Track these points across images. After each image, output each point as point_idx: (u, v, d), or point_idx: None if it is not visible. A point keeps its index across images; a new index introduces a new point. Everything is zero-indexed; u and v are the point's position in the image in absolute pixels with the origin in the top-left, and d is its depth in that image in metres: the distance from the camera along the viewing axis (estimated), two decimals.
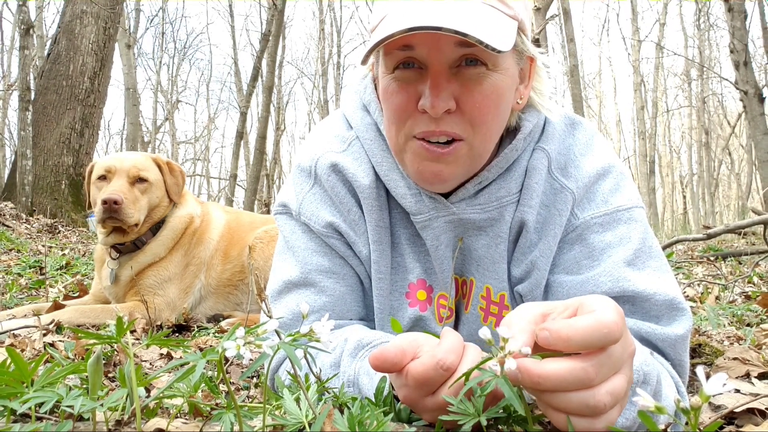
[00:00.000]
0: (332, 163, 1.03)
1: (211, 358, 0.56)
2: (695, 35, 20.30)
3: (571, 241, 0.97)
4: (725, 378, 0.48)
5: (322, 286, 1.02)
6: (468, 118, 0.86)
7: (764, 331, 1.72)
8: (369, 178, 1.01)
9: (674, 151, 23.96)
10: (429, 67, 0.85)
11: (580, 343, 0.54)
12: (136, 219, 2.16)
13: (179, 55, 24.76)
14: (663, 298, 0.89)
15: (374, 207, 1.01)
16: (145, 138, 19.24)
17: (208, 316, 2.32)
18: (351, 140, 1.05)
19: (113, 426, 0.65)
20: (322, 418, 0.60)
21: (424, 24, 0.77)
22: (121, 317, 0.63)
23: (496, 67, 0.86)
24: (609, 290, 0.90)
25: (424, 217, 0.98)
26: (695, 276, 3.48)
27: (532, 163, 0.98)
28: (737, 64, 6.73)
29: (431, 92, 0.84)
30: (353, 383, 0.83)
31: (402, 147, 0.92)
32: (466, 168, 0.92)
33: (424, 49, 0.83)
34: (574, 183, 0.97)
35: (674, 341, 0.89)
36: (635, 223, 0.95)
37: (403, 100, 0.87)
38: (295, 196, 1.06)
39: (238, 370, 1.33)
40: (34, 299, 2.55)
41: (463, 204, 0.97)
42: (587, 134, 1.03)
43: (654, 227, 11.46)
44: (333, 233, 1.03)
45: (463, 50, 0.83)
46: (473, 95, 0.85)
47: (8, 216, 5.97)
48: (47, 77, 7.40)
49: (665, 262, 0.96)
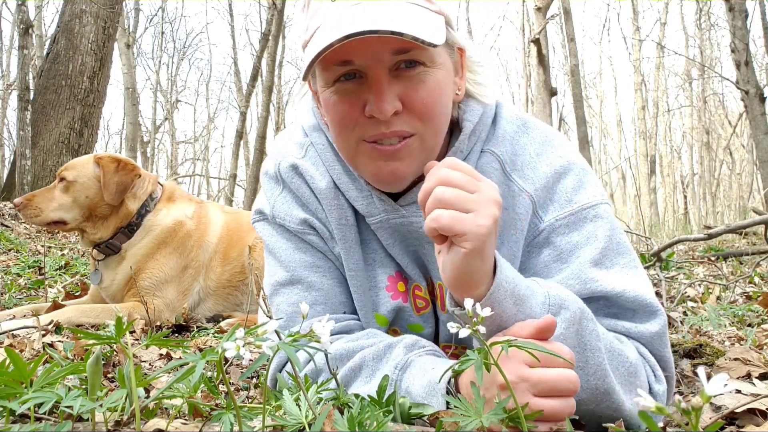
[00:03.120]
0: (292, 165, 1.07)
1: (210, 358, 0.56)
2: (696, 35, 20.30)
3: (539, 245, 0.97)
4: (726, 378, 0.48)
5: (309, 282, 1.05)
6: (416, 115, 0.89)
7: (765, 332, 1.72)
8: (326, 180, 1.05)
9: (675, 151, 23.96)
10: (369, 74, 0.87)
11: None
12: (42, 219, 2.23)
13: (179, 54, 24.76)
14: (632, 295, 0.90)
15: (334, 206, 1.04)
16: (144, 138, 19.23)
17: (207, 317, 2.32)
18: (307, 146, 1.09)
19: (112, 426, 0.65)
20: (322, 419, 0.60)
21: (359, 29, 0.79)
22: (120, 318, 0.63)
23: (434, 63, 0.89)
24: (578, 292, 0.90)
25: (375, 219, 1.02)
26: (696, 276, 3.48)
27: (482, 167, 0.99)
28: (738, 63, 6.73)
29: (376, 98, 0.86)
30: (403, 368, 0.86)
31: (354, 152, 0.94)
32: (420, 162, 0.93)
33: (362, 58, 0.86)
34: (531, 185, 0.97)
35: (650, 338, 0.91)
36: (601, 221, 0.94)
37: (347, 109, 0.90)
38: (267, 201, 1.11)
39: (238, 371, 1.33)
40: (33, 299, 2.55)
41: (413, 207, 0.99)
42: (542, 134, 1.02)
43: (655, 227, 11.45)
44: (308, 229, 1.06)
45: (400, 56, 0.86)
46: (418, 93, 0.88)
47: (7, 216, 5.97)
48: (46, 77, 7.39)
49: (633, 257, 0.96)
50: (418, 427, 0.73)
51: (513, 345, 0.63)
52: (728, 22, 6.93)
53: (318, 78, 0.94)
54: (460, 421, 0.61)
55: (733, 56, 6.80)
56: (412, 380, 0.84)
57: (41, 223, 2.22)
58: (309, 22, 0.90)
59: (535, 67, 10.21)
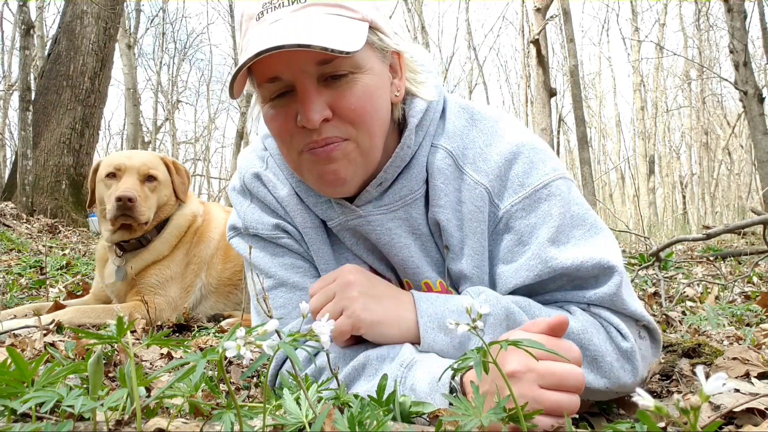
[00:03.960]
0: (255, 174, 1.11)
1: (211, 358, 0.56)
2: (695, 35, 20.30)
3: (501, 232, 0.99)
4: (725, 378, 0.49)
5: (292, 282, 1.07)
6: (347, 120, 0.91)
7: (764, 331, 1.73)
8: (286, 188, 1.08)
9: (674, 151, 23.95)
10: (296, 86, 0.89)
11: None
12: (147, 217, 2.18)
13: (179, 55, 24.75)
14: (590, 264, 0.93)
15: (297, 211, 1.07)
16: (145, 138, 19.23)
17: (208, 316, 2.32)
18: (267, 158, 1.12)
19: (113, 426, 0.65)
20: (323, 418, 0.60)
21: (267, 46, 0.81)
22: (121, 317, 0.63)
23: (361, 69, 0.91)
24: (540, 272, 0.94)
25: (335, 223, 1.05)
26: (695, 276, 3.48)
27: (435, 164, 1.01)
28: (737, 64, 6.73)
29: (303, 108, 0.89)
30: (408, 366, 0.88)
31: (297, 163, 0.97)
32: (360, 166, 0.96)
33: (288, 73, 0.88)
34: (485, 177, 0.99)
35: (610, 298, 0.94)
36: (555, 198, 0.96)
37: (283, 121, 0.93)
38: (237, 215, 1.14)
39: (239, 370, 1.33)
40: (35, 299, 2.55)
41: (370, 206, 1.02)
42: (489, 123, 1.04)
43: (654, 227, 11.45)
44: (281, 233, 1.09)
45: (323, 68, 0.88)
46: (346, 100, 0.90)
47: (9, 216, 5.97)
48: (48, 77, 7.40)
49: (591, 224, 0.98)
50: (418, 426, 0.74)
51: (512, 343, 0.64)
52: (727, 23, 6.94)
53: (256, 95, 0.97)
54: (460, 421, 0.61)
55: (732, 57, 6.81)
56: (417, 377, 0.85)
57: (141, 222, 2.17)
58: (241, 42, 0.94)
59: (534, 68, 10.22)
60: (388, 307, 0.94)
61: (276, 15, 0.88)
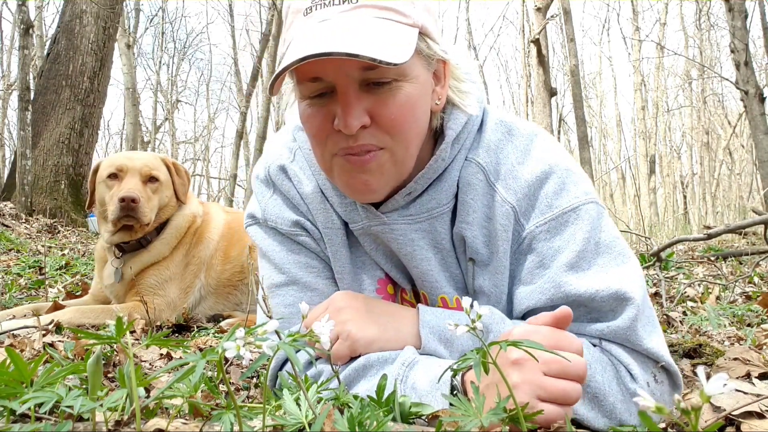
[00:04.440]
0: (281, 167, 1.09)
1: (210, 358, 0.56)
2: (696, 35, 20.29)
3: (523, 252, 0.97)
4: (726, 378, 0.48)
5: (304, 282, 1.06)
6: (385, 129, 0.89)
7: (765, 332, 1.72)
8: (312, 185, 1.06)
9: (675, 151, 23.94)
10: (338, 88, 0.87)
11: None
12: (149, 218, 2.17)
13: (179, 54, 24.75)
14: (606, 293, 0.89)
15: (320, 210, 1.06)
16: (144, 138, 19.23)
17: (207, 316, 2.32)
18: (295, 150, 1.10)
19: (113, 426, 0.65)
20: (322, 419, 0.60)
21: (315, 52, 0.79)
22: (120, 318, 0.63)
23: (405, 77, 0.87)
24: (553, 296, 0.91)
25: (358, 226, 1.03)
26: (696, 276, 3.48)
27: (467, 178, 0.98)
28: (738, 64, 6.73)
29: (343, 112, 0.86)
30: (410, 365, 0.89)
31: (329, 164, 0.95)
32: (392, 176, 0.94)
33: (331, 75, 0.86)
34: (513, 195, 0.96)
35: (624, 333, 0.89)
36: (582, 222, 0.93)
37: (320, 122, 0.90)
38: (258, 205, 1.12)
39: (238, 371, 1.33)
40: (34, 299, 2.55)
41: (395, 214, 1.00)
42: (524, 139, 1.00)
43: (654, 227, 11.44)
44: (300, 231, 1.08)
45: (367, 73, 0.85)
46: (387, 108, 0.87)
47: (8, 216, 5.97)
48: (47, 77, 7.39)
49: (618, 253, 0.93)
50: (418, 427, 0.73)
51: (512, 344, 0.63)
52: (728, 23, 6.93)
53: (294, 90, 0.95)
54: (460, 421, 0.61)
55: (733, 56, 6.80)
56: (419, 376, 0.85)
57: (144, 223, 2.16)
58: (285, 35, 0.91)
59: (534, 67, 10.21)
60: (384, 323, 0.95)
61: (325, 14, 0.85)
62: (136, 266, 2.22)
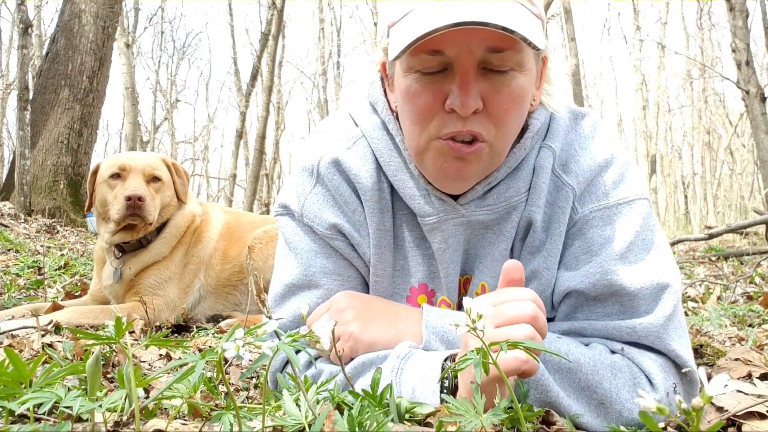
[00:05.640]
0: (336, 160, 1.00)
1: (210, 358, 0.56)
2: (697, 34, 20.28)
3: (573, 236, 0.96)
4: (727, 379, 0.48)
5: (327, 288, 1.01)
6: (493, 119, 0.85)
7: (766, 332, 1.72)
8: (372, 179, 0.99)
9: (676, 151, 23.93)
10: (457, 66, 0.82)
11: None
12: (153, 217, 2.18)
13: (178, 54, 24.73)
14: (650, 288, 0.89)
15: (376, 209, 0.99)
16: (144, 138, 19.22)
17: (207, 316, 2.32)
18: (357, 138, 1.02)
19: (112, 427, 0.65)
20: (322, 419, 0.60)
21: (467, 19, 0.74)
22: (119, 318, 0.62)
23: (522, 68, 0.84)
24: (597, 281, 0.90)
25: (433, 219, 0.96)
26: (697, 276, 3.48)
27: (539, 162, 0.97)
28: (739, 63, 6.72)
29: (461, 91, 0.81)
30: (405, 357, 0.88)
31: (424, 147, 0.89)
32: (485, 167, 0.92)
33: (455, 49, 0.80)
34: (574, 179, 0.96)
35: (657, 330, 0.88)
36: (635, 217, 0.93)
37: (429, 100, 0.85)
38: (296, 197, 1.03)
39: (238, 371, 1.33)
40: (33, 299, 2.54)
41: (472, 205, 0.96)
42: (590, 127, 1.01)
43: None
44: (337, 235, 1.01)
45: (490, 55, 0.81)
46: (501, 96, 0.84)
47: (6, 216, 5.97)
48: (46, 76, 7.38)
49: (665, 254, 0.94)
50: (418, 427, 0.73)
51: (511, 344, 0.63)
52: (729, 22, 6.93)
53: (400, 63, 0.87)
54: (460, 421, 0.61)
55: (734, 56, 6.80)
56: (413, 369, 0.85)
57: (149, 222, 2.16)
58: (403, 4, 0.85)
59: None
60: (384, 325, 0.94)
61: None
62: (135, 266, 2.22)
